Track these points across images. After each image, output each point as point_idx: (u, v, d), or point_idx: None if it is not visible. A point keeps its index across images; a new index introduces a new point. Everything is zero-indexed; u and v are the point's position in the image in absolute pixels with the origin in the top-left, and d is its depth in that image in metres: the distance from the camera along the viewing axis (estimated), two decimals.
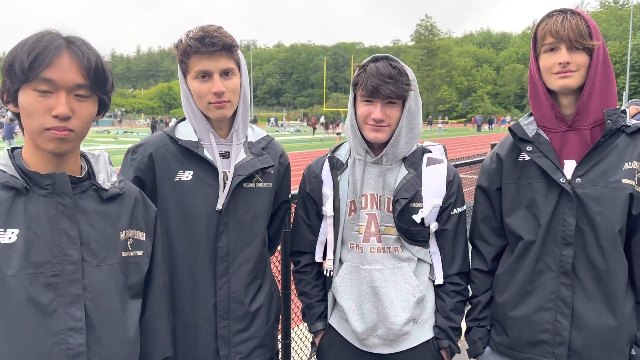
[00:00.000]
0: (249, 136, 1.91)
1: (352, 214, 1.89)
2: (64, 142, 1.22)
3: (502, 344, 1.83)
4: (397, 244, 1.87)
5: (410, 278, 1.86)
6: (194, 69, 1.72)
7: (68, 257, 1.24)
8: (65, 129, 1.20)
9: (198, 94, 1.74)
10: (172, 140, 1.81)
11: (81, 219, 1.28)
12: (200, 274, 1.78)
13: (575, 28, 1.61)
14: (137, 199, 1.45)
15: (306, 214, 2.02)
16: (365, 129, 1.84)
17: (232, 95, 1.76)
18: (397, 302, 1.83)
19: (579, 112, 1.67)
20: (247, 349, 1.84)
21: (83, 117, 1.24)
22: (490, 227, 1.91)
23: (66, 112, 1.19)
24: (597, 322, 1.64)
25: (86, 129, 1.27)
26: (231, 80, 1.74)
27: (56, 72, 1.18)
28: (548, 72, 1.68)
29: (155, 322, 1.48)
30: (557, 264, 1.68)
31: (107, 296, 1.29)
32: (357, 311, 1.87)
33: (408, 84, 1.79)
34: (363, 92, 1.80)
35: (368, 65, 1.81)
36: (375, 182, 1.87)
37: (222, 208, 1.77)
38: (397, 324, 1.83)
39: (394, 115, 1.81)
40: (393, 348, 1.88)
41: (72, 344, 1.21)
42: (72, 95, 1.21)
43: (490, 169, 1.89)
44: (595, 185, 1.63)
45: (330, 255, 1.93)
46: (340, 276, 1.91)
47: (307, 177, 2.02)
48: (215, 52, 1.68)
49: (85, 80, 1.22)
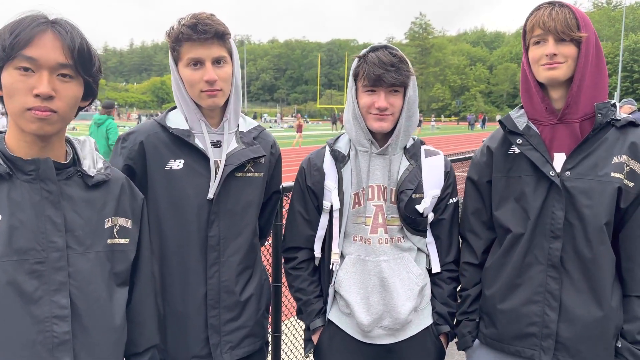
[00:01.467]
0: (241, 126, 1.90)
1: (356, 207, 1.88)
2: (46, 123, 1.19)
3: (490, 337, 1.83)
4: (400, 235, 1.88)
5: (413, 267, 1.88)
6: (185, 57, 1.70)
7: (53, 244, 1.22)
8: (47, 109, 1.18)
9: (190, 82, 1.73)
10: (163, 128, 1.80)
11: (66, 205, 1.26)
12: (191, 263, 1.78)
13: (562, 20, 1.61)
14: (124, 185, 1.43)
15: (305, 208, 1.98)
16: (368, 119, 1.84)
17: (224, 84, 1.74)
18: (402, 292, 1.85)
19: (569, 104, 1.67)
20: (237, 338, 1.84)
21: (67, 98, 1.21)
22: (480, 220, 1.91)
23: (47, 91, 1.16)
24: (585, 314, 1.64)
25: (70, 111, 1.24)
26: (223, 68, 1.73)
27: (38, 50, 1.16)
28: (536, 64, 1.68)
29: (141, 311, 1.47)
30: (546, 257, 1.68)
31: (93, 284, 1.27)
32: (362, 304, 1.86)
33: (409, 71, 1.80)
34: (365, 82, 1.79)
35: (368, 54, 1.80)
36: (382, 173, 1.88)
37: (214, 197, 1.76)
38: (403, 313, 1.84)
39: (397, 103, 1.82)
40: (396, 337, 1.89)
41: (57, 332, 1.19)
42: (55, 75, 1.19)
43: (481, 161, 1.89)
44: (584, 179, 1.64)
45: (336, 249, 1.89)
46: (344, 270, 1.89)
47: (308, 170, 1.97)
48: (207, 40, 1.66)
49: (68, 60, 1.19)
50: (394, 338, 1.89)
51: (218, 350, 1.79)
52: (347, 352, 1.92)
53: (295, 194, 2.02)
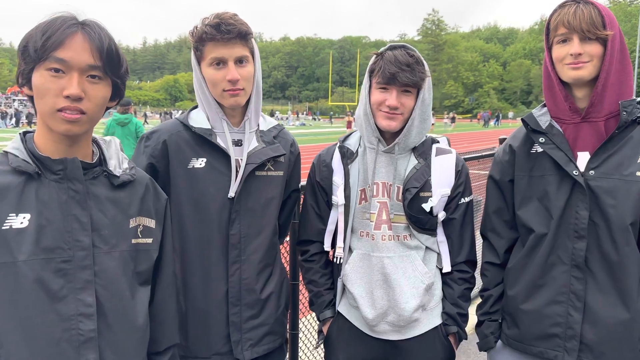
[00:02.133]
0: (261, 125, 1.92)
1: (363, 202, 1.90)
2: (76, 124, 1.21)
3: (513, 337, 1.81)
4: (406, 232, 1.88)
5: (419, 265, 1.88)
6: (208, 56, 1.72)
7: (79, 243, 1.23)
8: (77, 111, 1.20)
9: (212, 82, 1.74)
10: (185, 127, 1.82)
11: (92, 205, 1.27)
12: (212, 261, 1.79)
13: (587, 18, 1.58)
14: (148, 186, 1.44)
15: (316, 202, 2.02)
16: (378, 117, 1.84)
17: (246, 83, 1.76)
18: (406, 289, 1.85)
19: (593, 103, 1.64)
20: (258, 336, 1.85)
21: (96, 99, 1.23)
22: (502, 219, 1.89)
23: (78, 92, 1.18)
24: (610, 315, 1.62)
25: (98, 112, 1.26)
26: (245, 68, 1.75)
27: (69, 52, 1.18)
28: (560, 63, 1.65)
29: (163, 310, 1.48)
30: (569, 257, 1.66)
31: (118, 283, 1.29)
32: (367, 298, 1.89)
33: (424, 72, 1.80)
34: (379, 79, 1.80)
35: (386, 52, 1.82)
36: (387, 170, 1.89)
37: (235, 196, 1.77)
38: (407, 310, 1.84)
39: (408, 104, 1.82)
40: (402, 334, 1.90)
41: (82, 329, 1.21)
42: (84, 77, 1.21)
43: (503, 160, 1.87)
44: (609, 178, 1.61)
45: (341, 244, 1.94)
46: (351, 264, 1.92)
47: (317, 166, 2.02)
48: (230, 40, 1.68)
49: (97, 62, 1.21)
50: (400, 335, 1.90)
51: (239, 348, 1.81)
52: (355, 344, 1.95)
53: (308, 189, 2.07)
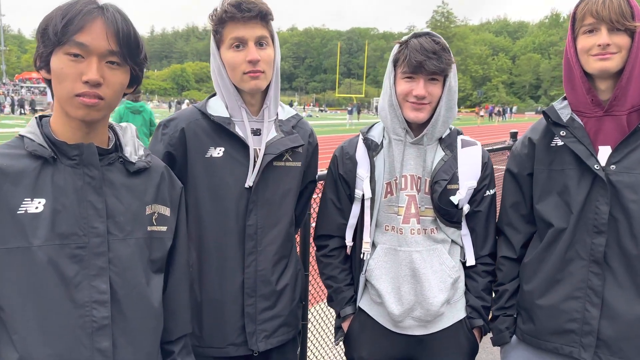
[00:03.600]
0: (279, 114, 1.89)
1: (389, 196, 1.86)
2: (93, 109, 1.20)
3: (528, 333, 1.79)
4: (433, 226, 1.85)
5: (446, 259, 1.85)
6: (228, 37, 1.69)
7: (94, 229, 1.22)
8: (95, 96, 1.18)
9: (232, 65, 1.71)
10: (203, 115, 1.79)
11: (108, 191, 1.26)
12: (229, 252, 1.78)
13: (617, 8, 1.54)
14: (163, 174, 1.42)
15: (337, 196, 1.97)
16: (405, 108, 1.81)
17: (267, 66, 1.73)
18: (434, 283, 1.83)
19: (617, 96, 1.61)
20: (273, 327, 1.84)
21: (114, 85, 1.22)
22: (519, 213, 1.87)
23: (97, 77, 1.17)
24: (628, 312, 1.60)
25: (116, 98, 1.25)
26: (265, 50, 1.72)
27: (89, 37, 1.16)
28: (586, 54, 1.62)
29: (176, 300, 1.47)
30: (588, 253, 1.64)
31: (132, 270, 1.28)
32: (393, 293, 1.85)
33: (450, 59, 1.77)
34: (405, 69, 1.76)
35: (410, 41, 1.78)
36: (415, 163, 1.85)
37: (253, 186, 1.75)
38: (435, 305, 1.82)
39: (436, 92, 1.78)
40: (428, 329, 1.87)
41: (96, 316, 1.20)
42: (103, 62, 1.19)
43: (522, 153, 1.84)
44: (631, 173, 1.58)
45: (367, 238, 1.89)
46: (375, 259, 1.88)
47: (340, 159, 1.96)
48: (251, 19, 1.66)
49: (117, 47, 1.20)
50: (425, 329, 1.87)
51: (254, 339, 1.80)
52: (378, 341, 1.92)
53: (328, 182, 2.01)
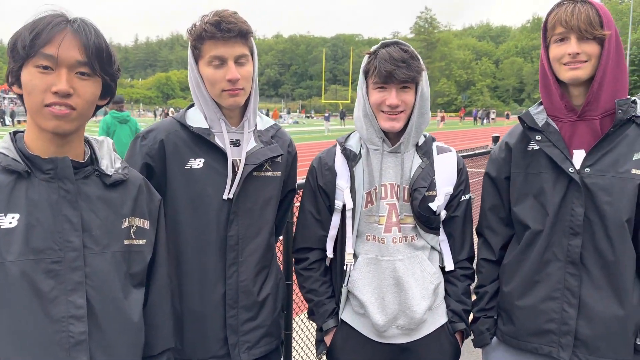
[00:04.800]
0: (258, 124, 1.88)
1: (369, 206, 1.86)
2: (64, 120, 1.19)
3: (508, 334, 1.82)
4: (413, 233, 1.86)
5: (427, 266, 1.86)
6: (207, 55, 1.68)
7: (69, 243, 1.21)
8: (66, 106, 1.18)
9: (211, 81, 1.71)
10: (182, 126, 1.78)
11: (83, 205, 1.25)
12: (210, 263, 1.77)
13: (585, 17, 1.57)
14: (141, 186, 1.42)
15: (316, 208, 1.95)
16: (380, 118, 1.82)
17: (246, 83, 1.73)
18: (417, 291, 1.83)
19: (590, 102, 1.64)
20: (255, 338, 1.83)
21: (85, 95, 1.21)
22: (498, 216, 1.89)
23: (66, 88, 1.16)
24: (605, 311, 1.63)
25: (88, 108, 1.24)
26: (245, 67, 1.71)
27: (57, 48, 1.16)
28: (558, 63, 1.65)
29: (157, 313, 1.46)
30: (565, 254, 1.67)
31: (110, 284, 1.27)
32: (377, 304, 1.84)
33: (420, 67, 1.78)
34: (376, 79, 1.77)
35: (379, 51, 1.79)
36: (394, 171, 1.86)
37: (234, 197, 1.75)
38: (419, 313, 1.82)
39: (409, 100, 1.80)
40: (411, 337, 1.87)
41: (73, 332, 1.19)
42: (73, 73, 1.19)
43: (499, 157, 1.87)
44: (604, 175, 1.62)
45: (350, 249, 1.87)
46: (358, 269, 1.87)
47: (319, 170, 1.94)
48: (230, 38, 1.64)
49: (86, 58, 1.19)
50: (409, 337, 1.87)
51: (236, 350, 1.79)
52: (362, 352, 1.90)
53: (306, 194, 1.99)
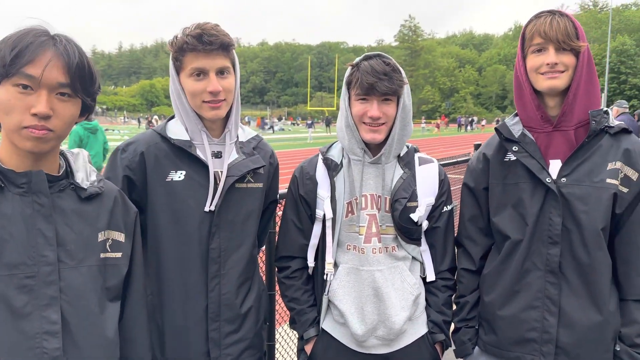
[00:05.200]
0: (240, 136, 1.87)
1: (350, 215, 1.86)
2: (42, 141, 1.17)
3: (490, 343, 1.83)
4: (394, 244, 1.86)
5: (407, 276, 1.86)
6: (189, 66, 1.66)
7: (44, 258, 1.19)
8: (44, 129, 1.16)
9: (192, 93, 1.69)
10: (163, 139, 1.76)
11: (58, 219, 1.23)
12: (192, 276, 1.74)
13: (563, 29, 1.61)
14: (117, 199, 1.40)
15: (298, 217, 1.95)
16: (361, 130, 1.83)
17: (227, 95, 1.72)
18: (397, 302, 1.83)
19: (565, 112, 1.68)
20: (238, 351, 1.81)
21: (64, 117, 1.19)
22: (477, 226, 1.91)
23: (46, 111, 1.14)
24: (584, 319, 1.65)
25: (66, 129, 1.22)
26: (227, 79, 1.70)
27: (39, 69, 1.13)
28: (535, 73, 1.68)
29: (134, 327, 1.44)
30: (544, 263, 1.69)
31: (85, 299, 1.25)
32: (356, 314, 1.84)
33: (402, 80, 1.79)
34: (358, 91, 1.78)
35: (361, 63, 1.80)
36: (375, 182, 1.86)
37: (215, 209, 1.73)
38: (398, 323, 1.82)
39: (390, 112, 1.81)
40: (391, 347, 1.87)
41: (47, 348, 1.17)
42: (53, 94, 1.17)
43: (477, 168, 1.89)
44: (580, 185, 1.65)
45: (330, 259, 1.88)
46: (338, 279, 1.87)
47: (301, 179, 1.94)
48: (212, 51, 1.63)
49: (68, 80, 1.17)
50: (388, 348, 1.87)
51: None
52: None
53: (288, 203, 1.99)
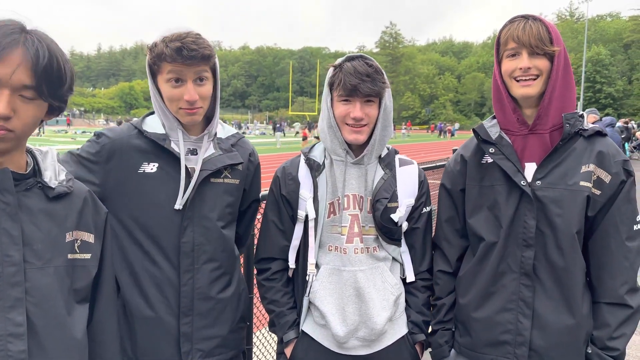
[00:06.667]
0: (219, 132, 1.88)
1: (332, 216, 1.86)
2: (1, 141, 1.13)
3: (465, 346, 1.83)
4: (375, 244, 1.87)
5: (388, 277, 1.87)
6: (165, 71, 1.66)
7: (9, 258, 1.15)
8: (3, 129, 1.12)
9: (169, 98, 1.70)
10: (139, 132, 1.77)
11: (24, 218, 1.19)
12: (164, 269, 1.73)
13: (536, 34, 1.63)
14: (86, 199, 1.37)
15: (279, 218, 1.93)
16: (344, 131, 1.83)
17: (204, 102, 1.73)
18: (378, 302, 1.83)
19: (540, 116, 1.69)
20: (209, 347, 1.79)
21: (26, 119, 1.15)
22: (454, 228, 1.92)
23: (7, 112, 1.10)
24: (557, 321, 1.66)
25: (28, 130, 1.19)
26: (204, 86, 1.71)
27: (3, 69, 1.09)
28: (509, 77, 1.70)
29: (103, 330, 1.41)
30: (518, 265, 1.70)
31: (52, 300, 1.21)
32: (338, 315, 1.83)
33: (384, 81, 1.80)
34: (341, 92, 1.78)
35: (344, 64, 1.80)
36: (357, 182, 1.87)
37: (187, 203, 1.73)
38: (379, 324, 1.82)
39: (372, 113, 1.82)
40: (372, 348, 1.86)
41: (12, 350, 1.13)
42: (17, 95, 1.13)
43: (455, 170, 1.90)
44: (555, 188, 1.66)
45: (312, 260, 1.87)
46: (320, 280, 1.86)
47: (283, 179, 1.93)
48: (192, 64, 1.63)
49: (33, 82, 1.13)
50: (369, 349, 1.86)
51: (189, 358, 1.75)
52: None
53: (269, 204, 1.97)
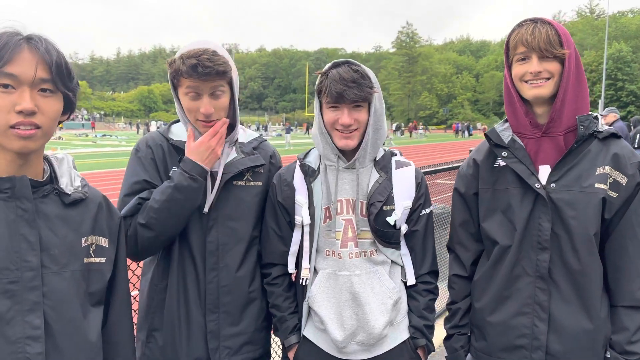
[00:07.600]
0: (240, 137, 1.95)
1: (327, 221, 1.87)
2: (31, 140, 1.18)
3: (480, 350, 1.82)
4: (372, 248, 1.86)
5: (386, 281, 1.86)
6: (184, 86, 1.75)
7: (27, 263, 1.19)
8: (32, 125, 1.17)
9: (188, 110, 1.79)
10: (165, 139, 1.88)
11: (42, 224, 1.23)
12: (189, 268, 1.82)
13: (545, 37, 1.62)
14: (101, 204, 1.40)
15: (277, 224, 1.95)
16: (335, 136, 1.84)
17: (221, 113, 1.80)
18: (375, 306, 1.82)
19: (553, 118, 1.68)
20: (237, 344, 1.85)
21: (49, 112, 1.21)
22: (468, 232, 1.91)
23: (31, 106, 1.16)
24: (574, 325, 1.64)
25: (52, 126, 1.23)
26: (221, 99, 1.78)
27: (18, 67, 1.15)
28: (520, 81, 1.69)
29: (117, 332, 1.45)
30: (534, 269, 1.68)
31: (68, 304, 1.25)
32: (336, 319, 1.84)
33: (371, 86, 1.80)
34: (328, 99, 1.80)
35: (330, 71, 1.81)
36: (350, 187, 1.87)
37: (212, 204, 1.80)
38: (377, 328, 1.82)
39: (362, 118, 1.82)
40: (371, 353, 1.87)
41: (30, 352, 1.17)
42: (36, 91, 1.18)
43: (467, 174, 1.89)
44: (569, 190, 1.64)
45: (307, 264, 1.89)
46: (317, 285, 1.87)
47: (279, 186, 1.95)
48: (207, 80, 1.71)
49: (48, 75, 1.19)
50: (369, 353, 1.86)
51: (217, 355, 1.81)
52: None
53: (268, 210, 1.99)
